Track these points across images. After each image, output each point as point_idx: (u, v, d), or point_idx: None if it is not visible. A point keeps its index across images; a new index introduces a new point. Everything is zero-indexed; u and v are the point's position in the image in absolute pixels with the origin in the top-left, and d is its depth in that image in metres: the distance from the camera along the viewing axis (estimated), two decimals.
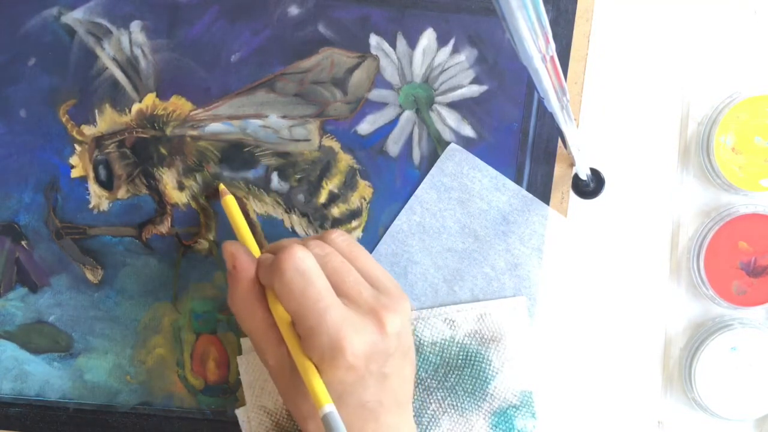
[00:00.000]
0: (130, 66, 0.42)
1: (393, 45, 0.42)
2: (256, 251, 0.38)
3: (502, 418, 0.42)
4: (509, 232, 0.42)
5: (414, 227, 0.43)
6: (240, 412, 0.43)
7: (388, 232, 0.43)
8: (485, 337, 0.42)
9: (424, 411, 0.42)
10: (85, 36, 0.42)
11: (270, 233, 0.43)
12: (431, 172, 0.42)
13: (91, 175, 0.43)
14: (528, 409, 0.42)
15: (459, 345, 0.42)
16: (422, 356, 0.42)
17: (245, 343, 0.43)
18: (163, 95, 0.42)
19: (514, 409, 0.42)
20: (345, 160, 0.43)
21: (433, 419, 0.42)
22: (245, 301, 0.36)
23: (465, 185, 0.42)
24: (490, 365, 0.42)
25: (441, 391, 0.42)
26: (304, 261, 0.34)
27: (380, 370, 0.34)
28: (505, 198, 0.42)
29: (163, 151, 0.43)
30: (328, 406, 0.32)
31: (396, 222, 0.43)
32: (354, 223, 0.43)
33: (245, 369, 0.42)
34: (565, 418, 0.44)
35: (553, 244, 0.43)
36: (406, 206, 0.42)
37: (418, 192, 0.42)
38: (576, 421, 0.44)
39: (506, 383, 0.42)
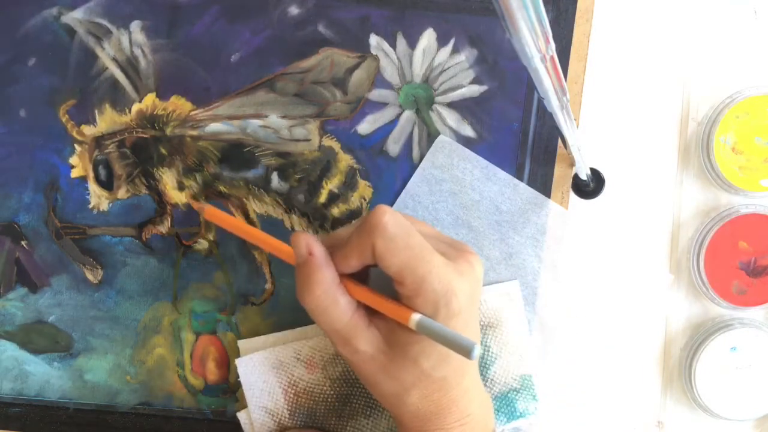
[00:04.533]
0: (130, 66, 0.42)
1: (393, 45, 0.42)
2: (283, 246, 0.37)
3: (504, 401, 0.42)
4: (502, 221, 0.42)
5: None
6: (242, 415, 0.43)
7: None
8: (482, 323, 0.42)
9: None
10: (85, 36, 0.42)
11: (270, 233, 0.43)
12: (421, 165, 0.42)
13: (91, 175, 0.43)
14: (528, 392, 0.42)
15: None
16: None
17: (243, 345, 0.43)
18: (163, 95, 0.42)
19: (515, 393, 0.42)
20: (345, 160, 0.43)
21: None
22: (326, 291, 0.35)
23: (456, 177, 0.42)
24: (489, 351, 0.42)
25: None
26: (398, 216, 0.34)
27: (475, 310, 0.35)
28: (496, 188, 0.42)
29: (163, 151, 0.43)
30: (415, 315, 0.33)
31: None
32: (354, 223, 0.43)
33: (245, 371, 0.42)
34: (565, 418, 0.44)
35: (551, 231, 0.43)
36: (398, 200, 0.42)
37: (409, 186, 0.42)
38: (576, 420, 0.44)
39: (506, 368, 0.42)
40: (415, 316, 0.33)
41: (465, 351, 0.31)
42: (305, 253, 0.35)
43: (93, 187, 0.43)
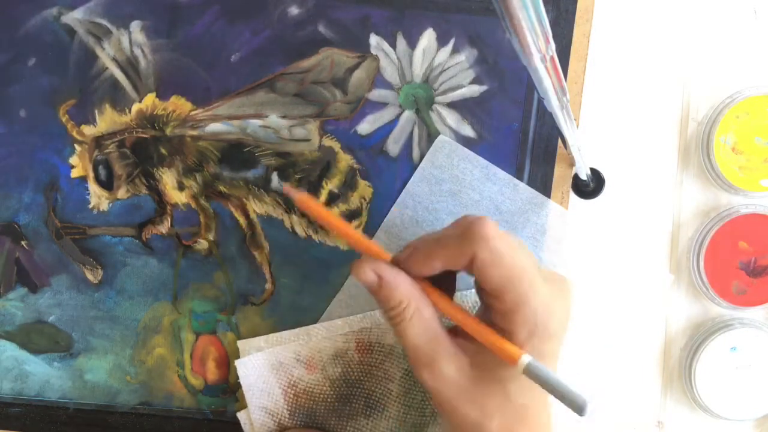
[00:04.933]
0: (130, 66, 0.42)
1: (393, 45, 0.42)
2: (366, 242, 0.35)
3: None
4: (502, 221, 0.42)
5: (407, 221, 0.42)
6: (242, 415, 0.43)
7: (381, 227, 0.42)
8: None
9: (427, 403, 0.42)
10: (85, 36, 0.42)
11: (270, 233, 0.43)
12: (421, 165, 0.42)
13: (91, 175, 0.43)
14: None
15: None
16: None
17: (242, 345, 0.43)
18: (163, 95, 0.42)
19: None
20: (345, 160, 0.43)
21: (435, 411, 0.42)
22: (406, 299, 0.33)
23: (456, 177, 0.42)
24: None
25: None
26: (502, 230, 0.32)
27: (564, 336, 0.34)
28: (496, 188, 0.42)
29: (163, 151, 0.43)
30: (525, 357, 0.31)
31: (388, 217, 0.42)
32: (354, 223, 0.43)
33: (244, 372, 0.42)
34: (565, 418, 0.44)
35: (551, 231, 0.43)
36: (398, 200, 0.42)
37: (409, 186, 0.42)
38: (576, 420, 0.44)
39: None
40: (525, 359, 0.31)
41: (576, 407, 0.28)
42: (375, 281, 0.34)
43: (93, 187, 0.43)
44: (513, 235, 0.37)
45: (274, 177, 0.43)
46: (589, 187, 0.43)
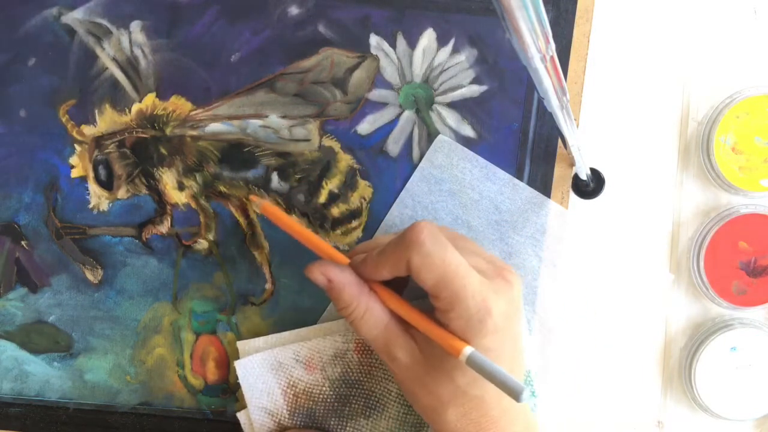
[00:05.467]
0: (130, 66, 0.42)
1: (393, 45, 0.42)
2: (325, 247, 0.38)
3: None
4: (502, 221, 0.42)
5: (406, 221, 0.43)
6: (241, 415, 0.43)
7: (380, 227, 0.43)
8: None
9: None
10: (85, 36, 0.42)
11: (270, 233, 0.43)
12: (421, 164, 0.42)
13: (91, 175, 0.43)
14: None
15: None
16: None
17: (242, 345, 0.43)
18: (163, 95, 0.42)
19: None
20: (345, 160, 0.43)
21: None
22: (357, 303, 0.36)
23: (455, 176, 0.42)
24: None
25: None
26: (437, 233, 0.34)
27: (513, 330, 0.35)
28: (496, 187, 0.42)
29: (163, 151, 0.43)
30: (467, 349, 0.32)
31: (388, 216, 0.42)
32: (354, 223, 0.43)
33: (244, 372, 0.42)
34: (565, 419, 0.44)
35: (551, 231, 0.43)
36: (398, 200, 0.42)
37: (408, 185, 0.42)
38: (576, 420, 0.44)
39: None
40: (467, 350, 0.33)
41: (513, 393, 0.31)
42: (325, 282, 0.36)
43: (93, 187, 0.43)
44: (450, 230, 0.39)
45: (274, 177, 0.43)
46: (589, 187, 0.43)
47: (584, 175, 0.42)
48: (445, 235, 0.35)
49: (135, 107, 0.43)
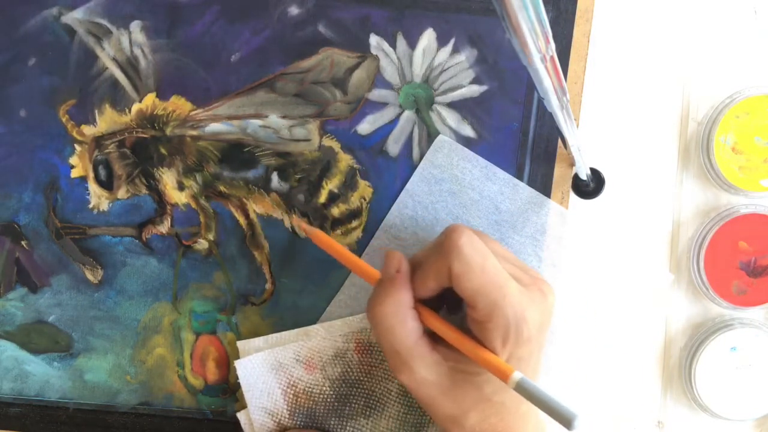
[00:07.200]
0: (130, 66, 0.42)
1: (393, 45, 0.42)
2: (374, 276, 0.37)
3: None
4: (502, 221, 0.42)
5: (407, 221, 0.43)
6: (241, 415, 0.43)
7: (380, 227, 0.43)
8: None
9: None
10: (85, 36, 0.42)
11: (270, 233, 0.43)
12: (421, 164, 0.42)
13: (91, 175, 0.43)
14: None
15: None
16: None
17: (242, 345, 0.43)
18: (163, 95, 0.42)
19: None
20: (345, 160, 0.43)
21: None
22: (398, 310, 0.35)
23: (455, 176, 0.42)
24: None
25: None
26: (475, 239, 0.34)
27: (542, 340, 0.35)
28: (496, 187, 0.42)
29: (163, 151, 0.43)
30: (517, 374, 0.32)
31: (388, 217, 0.42)
32: (354, 223, 0.43)
33: (244, 372, 0.42)
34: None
35: (551, 231, 0.43)
36: (398, 200, 0.42)
37: (408, 186, 0.42)
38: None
39: None
40: (516, 376, 0.32)
41: (565, 420, 0.29)
42: (393, 271, 0.36)
43: (93, 187, 0.43)
44: (488, 238, 0.38)
45: (274, 177, 0.43)
46: (589, 187, 0.43)
47: (584, 175, 0.42)
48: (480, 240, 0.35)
49: (135, 107, 0.43)
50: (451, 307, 0.38)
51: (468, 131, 0.42)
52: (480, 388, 0.35)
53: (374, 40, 0.42)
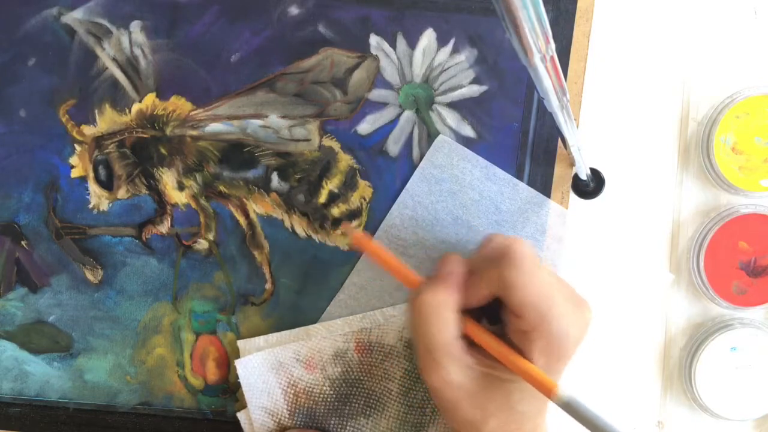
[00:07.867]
0: (130, 66, 0.42)
1: (393, 45, 0.42)
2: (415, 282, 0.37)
3: None
4: (502, 221, 0.42)
5: (407, 221, 0.43)
6: (241, 415, 0.43)
7: (380, 227, 0.43)
8: None
9: (427, 402, 0.42)
10: (85, 36, 0.42)
11: (270, 233, 0.43)
12: (421, 164, 0.42)
13: (91, 175, 0.43)
14: None
15: None
16: None
17: (242, 345, 0.43)
18: (163, 95, 0.42)
19: None
20: (345, 160, 0.43)
21: (435, 411, 0.42)
22: (443, 307, 0.35)
23: (456, 176, 0.42)
24: None
25: None
26: (532, 248, 0.34)
27: (573, 355, 0.35)
28: (496, 187, 0.42)
29: (163, 151, 0.43)
30: (564, 390, 0.33)
31: (388, 217, 0.42)
32: (354, 223, 0.43)
33: (244, 372, 0.42)
34: (565, 419, 0.44)
35: (551, 231, 0.43)
36: (398, 200, 0.42)
37: (408, 185, 0.42)
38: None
39: None
40: (564, 394, 0.32)
41: None
42: (447, 271, 0.36)
43: (93, 187, 0.43)
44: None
45: (274, 177, 0.43)
46: (589, 187, 0.43)
47: (584, 175, 0.42)
48: None
49: (135, 107, 0.43)
50: (490, 319, 0.38)
51: (468, 131, 0.42)
52: (508, 395, 0.35)
53: (374, 40, 0.42)
